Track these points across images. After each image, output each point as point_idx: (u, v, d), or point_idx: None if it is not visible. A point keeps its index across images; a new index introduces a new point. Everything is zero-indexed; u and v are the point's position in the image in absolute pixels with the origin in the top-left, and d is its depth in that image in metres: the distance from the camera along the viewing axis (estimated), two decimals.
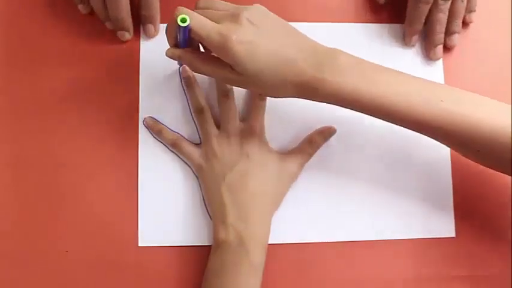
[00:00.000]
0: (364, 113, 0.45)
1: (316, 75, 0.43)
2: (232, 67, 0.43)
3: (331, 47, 0.45)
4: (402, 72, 0.45)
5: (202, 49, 0.48)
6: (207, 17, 0.43)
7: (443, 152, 0.53)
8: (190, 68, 0.48)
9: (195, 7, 0.46)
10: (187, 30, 0.43)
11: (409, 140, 0.53)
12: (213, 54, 0.45)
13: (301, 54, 0.43)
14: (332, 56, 0.44)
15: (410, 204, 0.52)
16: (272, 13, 0.45)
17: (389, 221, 0.52)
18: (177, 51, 0.46)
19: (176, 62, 0.51)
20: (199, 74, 0.53)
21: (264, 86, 0.44)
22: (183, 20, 0.42)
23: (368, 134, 0.53)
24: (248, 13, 0.43)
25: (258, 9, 0.44)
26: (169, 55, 0.46)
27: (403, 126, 0.45)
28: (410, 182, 0.53)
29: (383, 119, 0.45)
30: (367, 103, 0.44)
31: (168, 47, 0.46)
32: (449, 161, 0.53)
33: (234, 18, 0.43)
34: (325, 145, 0.53)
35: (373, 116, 0.45)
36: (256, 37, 0.42)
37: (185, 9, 0.43)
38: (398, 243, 0.52)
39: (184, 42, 0.45)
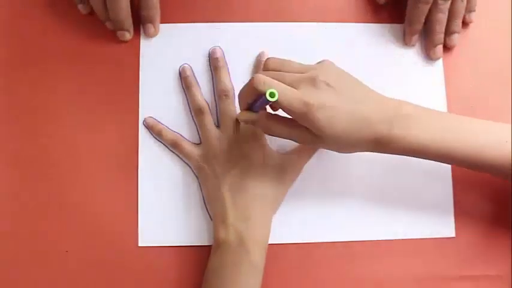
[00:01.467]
0: (435, 160, 0.46)
1: (387, 132, 0.44)
2: (310, 129, 0.43)
3: (398, 99, 0.45)
4: (462, 117, 0.47)
5: (270, 109, 0.48)
6: (282, 81, 0.43)
7: None
8: (265, 131, 0.47)
9: (262, 68, 0.47)
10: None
11: None
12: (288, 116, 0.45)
13: (374, 111, 0.44)
14: (398, 110, 0.44)
15: (411, 205, 0.52)
16: (340, 69, 0.45)
17: (389, 221, 0.52)
18: (253, 116, 0.46)
19: (174, 61, 0.51)
20: (198, 74, 0.53)
21: (340, 145, 0.45)
22: (272, 95, 0.40)
23: None
24: (323, 75, 0.43)
25: (330, 68, 0.45)
26: (244, 119, 0.46)
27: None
28: (410, 182, 0.53)
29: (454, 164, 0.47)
30: (434, 154, 0.45)
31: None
32: None
33: (312, 82, 0.43)
34: None
35: (444, 163, 0.47)
36: (335, 101, 0.43)
37: (269, 80, 0.42)
38: (398, 243, 0.52)
39: (261, 108, 0.45)
